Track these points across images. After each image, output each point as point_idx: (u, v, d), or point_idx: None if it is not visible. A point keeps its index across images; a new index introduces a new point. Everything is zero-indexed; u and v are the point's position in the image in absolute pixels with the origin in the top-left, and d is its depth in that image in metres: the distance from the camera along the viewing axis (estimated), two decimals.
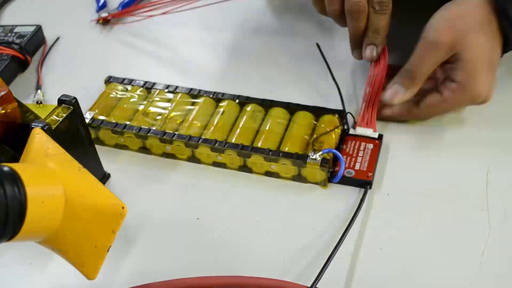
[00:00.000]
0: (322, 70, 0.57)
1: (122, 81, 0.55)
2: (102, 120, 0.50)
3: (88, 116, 0.50)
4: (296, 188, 0.46)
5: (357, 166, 0.46)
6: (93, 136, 0.50)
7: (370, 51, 0.49)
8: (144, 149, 0.50)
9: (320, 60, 0.58)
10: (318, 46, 0.59)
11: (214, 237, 0.43)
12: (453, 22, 0.45)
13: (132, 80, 0.55)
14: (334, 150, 0.45)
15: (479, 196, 0.44)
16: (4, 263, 0.42)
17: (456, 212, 0.43)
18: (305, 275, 0.40)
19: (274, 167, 0.46)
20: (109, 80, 0.55)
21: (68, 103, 0.42)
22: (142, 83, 0.54)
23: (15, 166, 0.29)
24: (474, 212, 0.43)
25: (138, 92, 0.54)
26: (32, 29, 0.64)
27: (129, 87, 0.54)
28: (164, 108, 0.51)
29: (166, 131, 0.49)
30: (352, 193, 0.45)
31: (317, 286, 0.38)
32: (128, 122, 0.50)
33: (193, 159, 0.49)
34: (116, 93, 0.53)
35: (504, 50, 0.46)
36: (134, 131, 0.49)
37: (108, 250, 0.32)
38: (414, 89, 0.47)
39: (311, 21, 0.65)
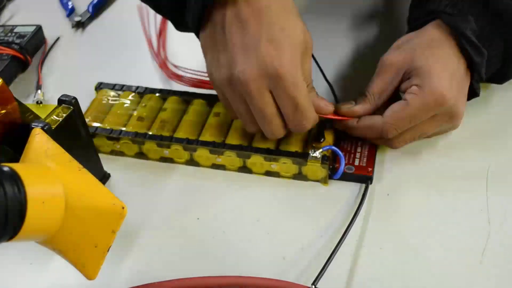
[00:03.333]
0: (314, 70, 0.57)
1: (113, 86, 0.54)
2: (97, 127, 0.50)
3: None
4: (297, 187, 0.46)
5: (356, 162, 0.46)
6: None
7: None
8: (141, 155, 0.50)
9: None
10: (313, 56, 0.59)
11: (214, 237, 0.43)
12: (400, 45, 0.46)
13: (123, 85, 0.54)
14: (334, 147, 0.45)
15: (479, 196, 0.44)
16: (4, 263, 0.42)
17: (456, 211, 0.43)
18: (305, 275, 0.40)
19: (274, 166, 0.46)
20: (99, 87, 0.54)
21: (68, 103, 0.42)
22: (133, 88, 0.54)
23: (15, 166, 0.29)
24: (474, 212, 0.43)
25: (130, 97, 0.53)
26: (32, 29, 0.64)
27: (120, 93, 0.53)
28: (158, 112, 0.51)
29: (163, 135, 0.48)
30: (353, 189, 0.45)
31: (317, 286, 0.38)
32: (123, 128, 0.49)
33: (191, 162, 0.49)
34: (108, 99, 0.53)
35: (472, 73, 0.45)
36: (130, 137, 0.49)
37: (108, 250, 0.32)
38: (363, 106, 0.46)
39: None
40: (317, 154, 0.45)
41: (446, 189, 0.45)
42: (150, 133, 0.49)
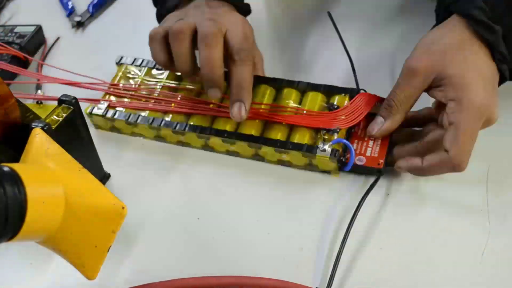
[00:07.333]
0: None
1: (133, 62, 0.56)
2: (115, 112, 0.51)
3: (102, 107, 0.51)
4: (305, 180, 0.46)
5: (368, 152, 0.46)
6: (109, 125, 0.52)
7: (237, 109, 0.46)
8: (159, 138, 0.51)
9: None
10: (330, 14, 0.56)
11: (214, 237, 0.43)
12: (428, 46, 0.44)
13: (143, 60, 0.55)
14: (344, 140, 0.45)
15: (479, 196, 0.44)
16: (4, 263, 0.42)
17: (456, 212, 0.43)
18: (305, 275, 0.40)
19: (285, 156, 0.47)
20: (119, 62, 0.56)
21: (68, 103, 0.42)
22: (153, 63, 0.55)
23: (15, 166, 0.29)
24: (474, 212, 0.43)
25: (153, 72, 0.54)
26: (32, 29, 0.64)
27: (141, 69, 0.55)
28: (175, 90, 0.52)
29: (178, 122, 0.49)
30: (364, 181, 0.45)
31: (317, 286, 0.38)
32: (142, 114, 0.51)
33: (206, 147, 0.50)
34: (128, 76, 0.54)
35: (499, 68, 0.44)
36: (146, 124, 0.50)
37: (108, 250, 0.32)
38: (393, 119, 0.45)
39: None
40: (326, 147, 0.45)
41: (446, 189, 0.45)
42: (166, 118, 0.50)
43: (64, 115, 0.41)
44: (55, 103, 0.42)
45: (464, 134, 0.41)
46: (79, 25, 0.68)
